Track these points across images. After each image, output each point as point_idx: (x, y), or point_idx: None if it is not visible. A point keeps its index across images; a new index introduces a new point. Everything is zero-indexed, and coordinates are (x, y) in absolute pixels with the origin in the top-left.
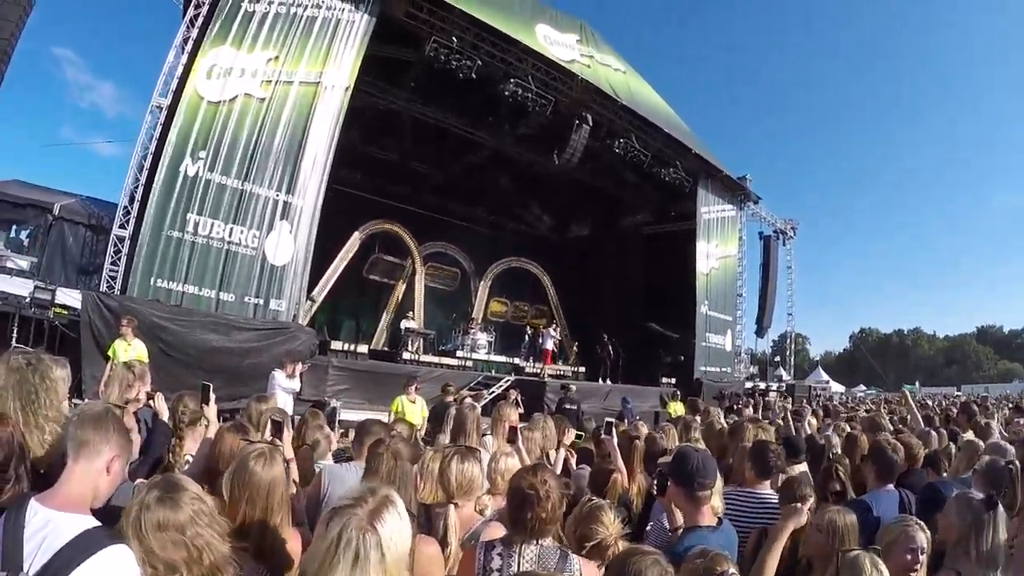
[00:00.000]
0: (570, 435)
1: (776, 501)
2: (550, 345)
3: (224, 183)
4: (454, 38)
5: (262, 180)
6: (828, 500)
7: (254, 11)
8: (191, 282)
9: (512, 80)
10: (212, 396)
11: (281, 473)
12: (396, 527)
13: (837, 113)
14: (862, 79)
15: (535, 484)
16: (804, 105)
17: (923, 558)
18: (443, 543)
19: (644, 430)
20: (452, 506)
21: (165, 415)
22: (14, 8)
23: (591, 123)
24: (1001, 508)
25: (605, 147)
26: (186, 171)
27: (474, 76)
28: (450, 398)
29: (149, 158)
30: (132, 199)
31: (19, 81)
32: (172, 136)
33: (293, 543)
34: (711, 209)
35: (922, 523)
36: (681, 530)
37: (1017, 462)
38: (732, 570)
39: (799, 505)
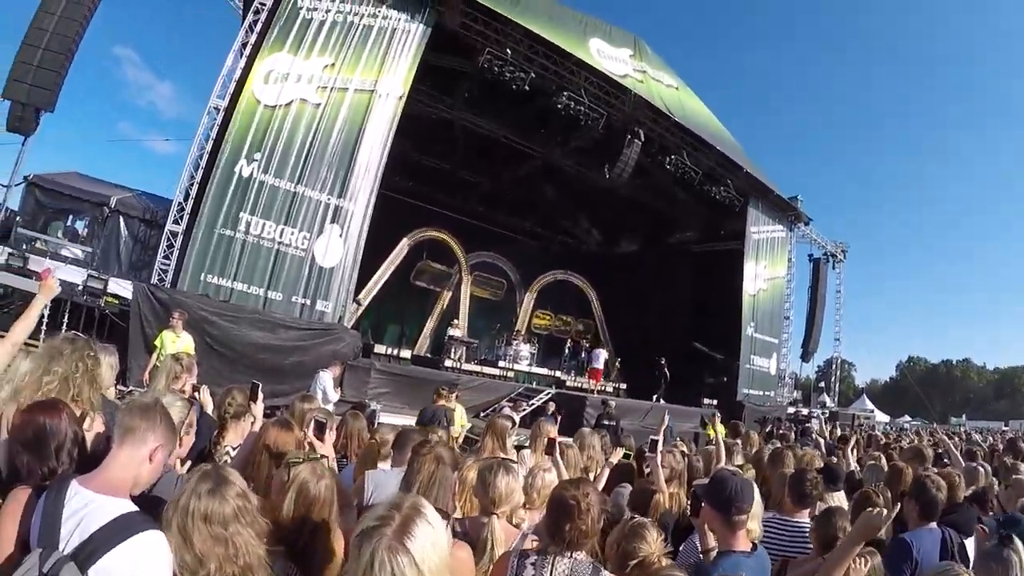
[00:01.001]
0: (618, 453)
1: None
2: (600, 364)
3: (277, 185)
4: (508, 50)
5: (315, 183)
6: None
7: (312, 18)
8: (240, 279)
9: (565, 93)
10: (261, 395)
11: (330, 487)
12: (428, 538)
13: (895, 134)
14: (923, 96)
15: (577, 496)
16: (860, 123)
17: None
18: (482, 552)
19: (683, 449)
20: (495, 516)
21: (210, 408)
22: (78, 8)
23: (643, 139)
24: None
25: (656, 163)
26: (241, 172)
27: (527, 88)
28: (441, 401)
29: (205, 157)
30: (187, 196)
31: (80, 77)
32: (228, 137)
33: (334, 543)
34: (761, 229)
35: (968, 571)
36: (713, 552)
37: None
38: None
39: (883, 511)
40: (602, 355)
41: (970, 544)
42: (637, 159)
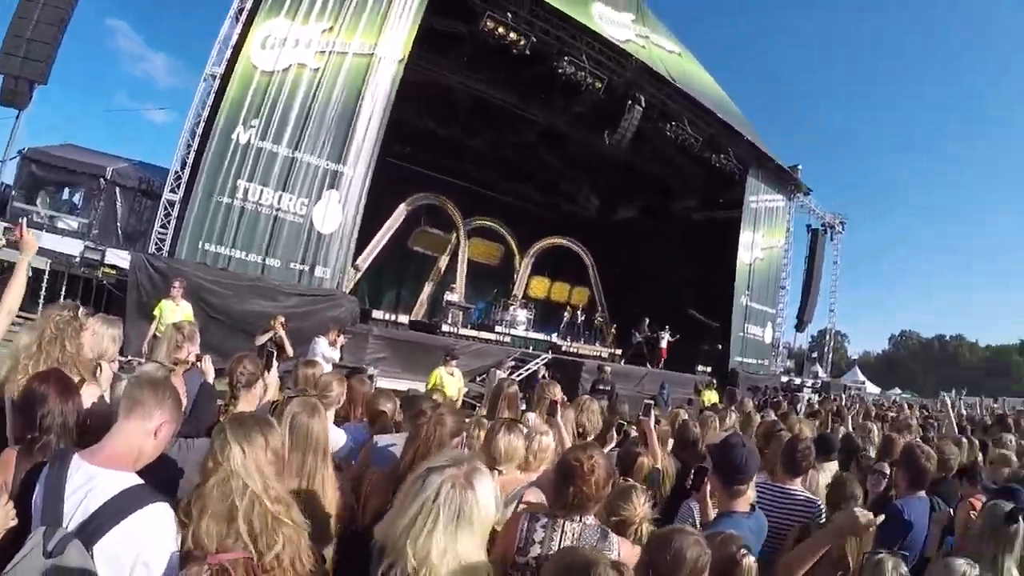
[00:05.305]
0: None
1: (803, 497)
2: (664, 344)
3: (275, 151)
4: (509, 13)
5: (313, 149)
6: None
7: None
8: (239, 247)
9: (566, 58)
10: (275, 364)
11: (326, 426)
12: (488, 488)
13: (898, 105)
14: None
15: (581, 459)
16: (863, 95)
17: None
18: None
19: (684, 415)
20: (496, 472)
21: (211, 377)
22: None
23: (644, 104)
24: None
25: (657, 130)
26: (238, 138)
27: (528, 53)
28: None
29: (201, 125)
30: (184, 165)
31: (73, 50)
32: (225, 104)
33: (334, 494)
34: (759, 198)
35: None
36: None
37: None
38: (744, 549)
39: (869, 516)
40: (666, 336)
41: None
42: (638, 125)
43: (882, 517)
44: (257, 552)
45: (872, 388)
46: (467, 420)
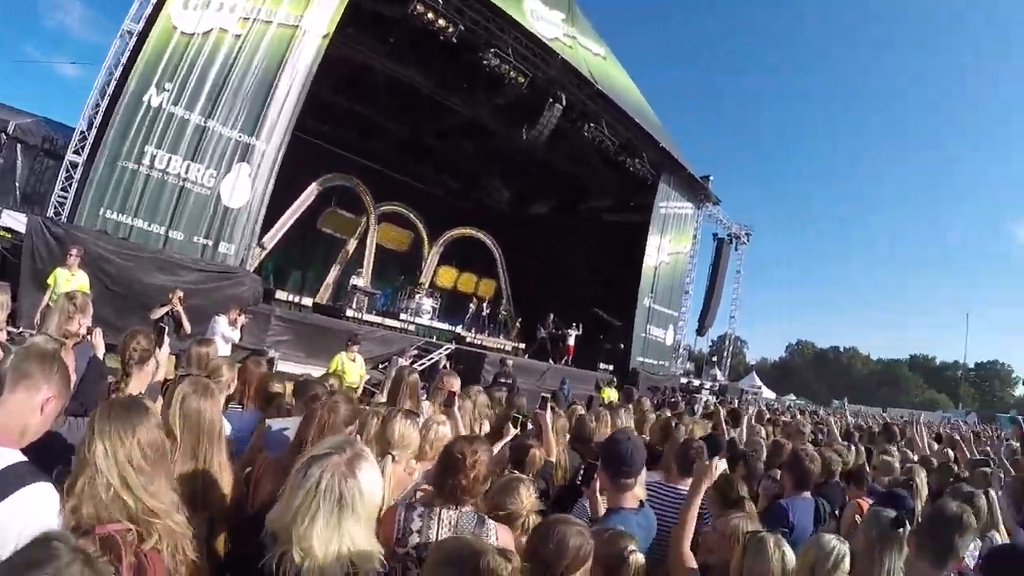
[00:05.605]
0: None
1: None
2: (572, 341)
3: (187, 118)
4: (440, 0)
5: (226, 119)
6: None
7: None
8: (142, 216)
9: (492, 50)
10: (167, 340)
11: (218, 408)
12: (371, 476)
13: (811, 129)
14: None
15: (465, 452)
16: (779, 115)
17: None
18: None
19: (581, 411)
20: (390, 457)
21: (101, 352)
22: None
23: (564, 103)
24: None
25: (575, 129)
26: (149, 101)
27: (454, 41)
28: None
29: (113, 84)
30: (91, 125)
31: None
32: (140, 64)
33: (229, 479)
34: (669, 204)
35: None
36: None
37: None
38: (632, 546)
39: (716, 463)
40: (573, 333)
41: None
42: (556, 123)
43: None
44: (137, 535)
45: (768, 393)
46: (366, 407)
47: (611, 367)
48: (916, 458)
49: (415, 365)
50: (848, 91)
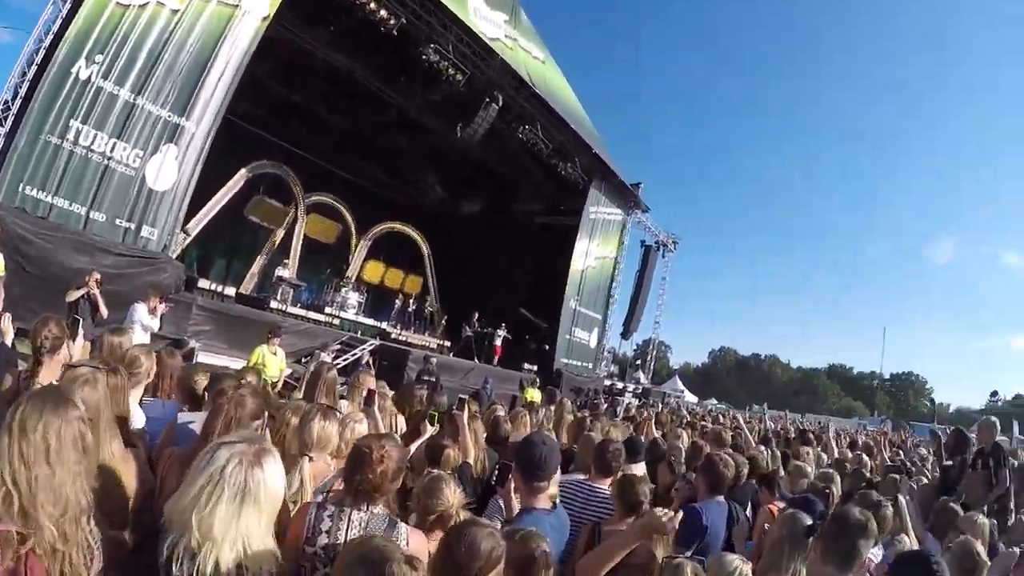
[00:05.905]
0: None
1: (606, 495)
2: (499, 341)
3: (116, 93)
4: None
5: (156, 97)
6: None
7: None
8: (62, 195)
9: (432, 45)
10: (81, 331)
11: (104, 395)
12: (279, 472)
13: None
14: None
15: (372, 447)
16: (711, 127)
17: None
18: (295, 494)
19: (500, 411)
20: (306, 458)
21: (9, 338)
22: None
23: (501, 104)
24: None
25: (510, 131)
26: (78, 73)
27: (395, 33)
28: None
29: (42, 52)
30: (15, 95)
31: None
32: (71, 33)
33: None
34: (599, 210)
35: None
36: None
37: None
38: (545, 547)
39: (670, 514)
40: (501, 334)
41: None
42: (492, 123)
43: (681, 515)
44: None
45: (690, 397)
46: (283, 402)
47: (535, 368)
48: (830, 462)
49: (338, 361)
50: (776, 104)
